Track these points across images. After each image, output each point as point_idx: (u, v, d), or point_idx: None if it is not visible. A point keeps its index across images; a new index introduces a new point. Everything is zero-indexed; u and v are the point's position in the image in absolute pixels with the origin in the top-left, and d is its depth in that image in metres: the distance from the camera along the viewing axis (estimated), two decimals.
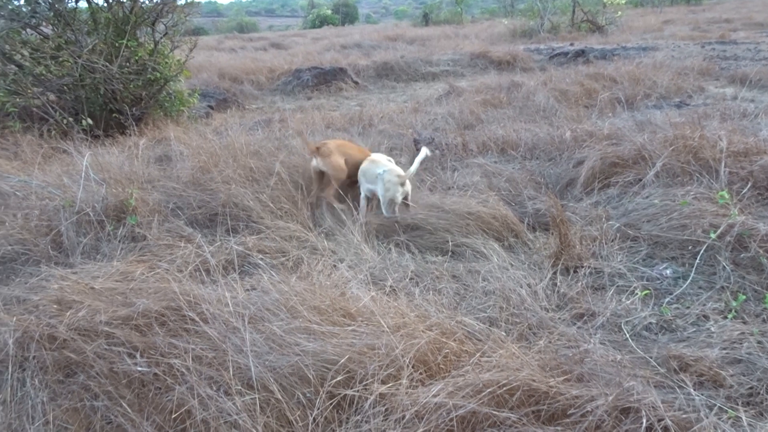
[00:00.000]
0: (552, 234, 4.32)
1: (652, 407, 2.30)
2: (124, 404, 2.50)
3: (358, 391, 2.40)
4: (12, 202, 5.01)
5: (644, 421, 2.22)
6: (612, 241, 4.24)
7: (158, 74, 9.15)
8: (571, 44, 18.08)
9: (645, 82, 9.53)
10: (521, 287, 3.61)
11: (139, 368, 2.66)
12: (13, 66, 8.46)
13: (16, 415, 2.60)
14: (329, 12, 49.15)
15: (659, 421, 2.26)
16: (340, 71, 14.73)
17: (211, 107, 11.57)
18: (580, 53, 15.17)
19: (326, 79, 14.34)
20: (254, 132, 7.54)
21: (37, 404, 2.62)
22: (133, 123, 8.40)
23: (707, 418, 2.33)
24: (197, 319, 2.88)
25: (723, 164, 4.70)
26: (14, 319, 3.02)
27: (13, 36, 8.51)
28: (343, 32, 32.54)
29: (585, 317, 3.35)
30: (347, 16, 51.04)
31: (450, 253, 4.24)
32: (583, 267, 3.90)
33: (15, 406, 2.65)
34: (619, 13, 24.23)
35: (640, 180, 5.00)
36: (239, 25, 50.85)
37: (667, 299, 3.53)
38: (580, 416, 2.25)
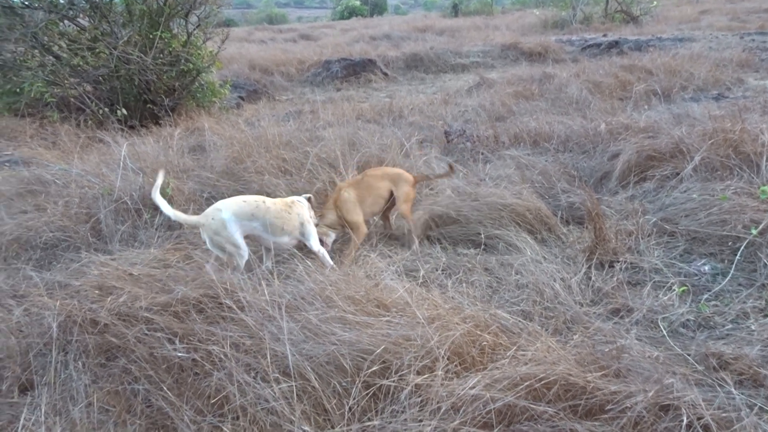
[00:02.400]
0: (586, 228, 4.27)
1: (692, 405, 2.26)
2: (164, 388, 2.55)
3: (394, 381, 2.41)
4: (53, 189, 5.14)
5: (684, 418, 2.19)
6: (648, 235, 4.18)
7: (191, 65, 9.27)
8: (605, 35, 17.73)
9: (682, 73, 9.31)
10: (555, 281, 3.58)
11: (179, 354, 2.71)
12: (51, 57, 8.66)
13: (60, 396, 2.68)
14: (358, 3, 48.98)
15: (699, 419, 2.23)
16: (369, 63, 14.73)
17: (241, 98, 11.69)
18: (614, 44, 14.88)
19: (355, 70, 14.36)
20: (285, 123, 7.59)
21: (79, 386, 2.69)
22: (168, 113, 8.52)
23: (747, 417, 2.28)
24: (234, 306, 2.93)
25: (765, 158, 4.58)
26: (57, 303, 3.10)
27: (52, 28, 8.71)
28: (371, 23, 32.48)
29: (621, 313, 3.31)
30: (376, 7, 50.81)
31: (482, 246, 4.21)
32: (618, 262, 3.85)
33: (59, 388, 2.73)
34: (655, 3, 23.69)
35: (678, 174, 4.91)
36: (269, 17, 51.05)
37: (705, 296, 3.46)
38: (618, 412, 2.23)
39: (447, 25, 26.24)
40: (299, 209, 3.89)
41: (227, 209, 3.61)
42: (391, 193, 4.39)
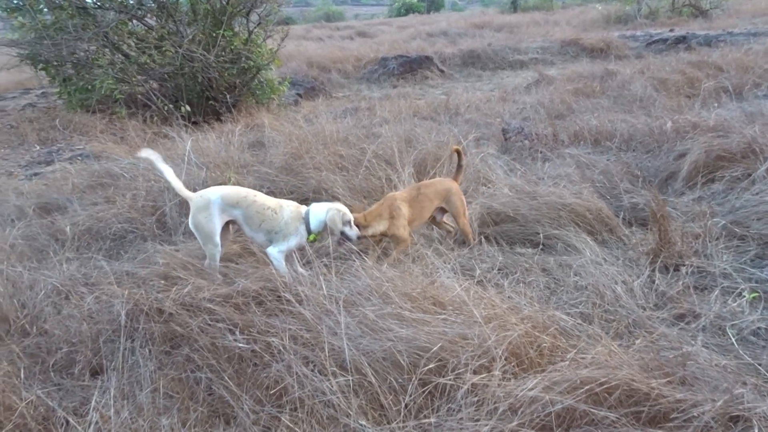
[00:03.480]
0: (650, 229, 4.13)
1: (764, 417, 2.15)
2: (225, 377, 2.63)
3: (450, 380, 2.40)
4: (121, 183, 5.38)
5: (756, 430, 2.09)
6: (717, 239, 3.99)
7: (251, 63, 9.49)
8: (671, 30, 17.07)
9: (755, 70, 8.84)
10: (616, 283, 3.47)
11: (239, 344, 2.78)
12: (120, 55, 9.05)
13: (127, 381, 2.79)
14: (415, 0, 48.81)
15: None
16: (426, 59, 14.69)
17: (299, 95, 11.87)
18: (681, 40, 14.31)
19: (412, 67, 14.34)
20: (342, 120, 7.67)
21: (145, 373, 2.80)
22: (229, 110, 8.76)
23: None
24: (293, 300, 2.98)
25: None
26: (126, 292, 3.23)
27: (121, 27, 9.10)
28: (428, 20, 32.32)
29: (687, 318, 3.18)
30: (433, 4, 50.43)
31: (540, 246, 4.14)
32: (684, 265, 3.70)
33: (126, 373, 2.85)
34: None
35: (750, 175, 4.68)
36: (326, 15, 51.48)
37: None
38: (683, 421, 2.15)
39: (505, 21, 25.84)
40: (292, 217, 3.76)
41: (216, 192, 3.70)
42: (439, 208, 4.29)
